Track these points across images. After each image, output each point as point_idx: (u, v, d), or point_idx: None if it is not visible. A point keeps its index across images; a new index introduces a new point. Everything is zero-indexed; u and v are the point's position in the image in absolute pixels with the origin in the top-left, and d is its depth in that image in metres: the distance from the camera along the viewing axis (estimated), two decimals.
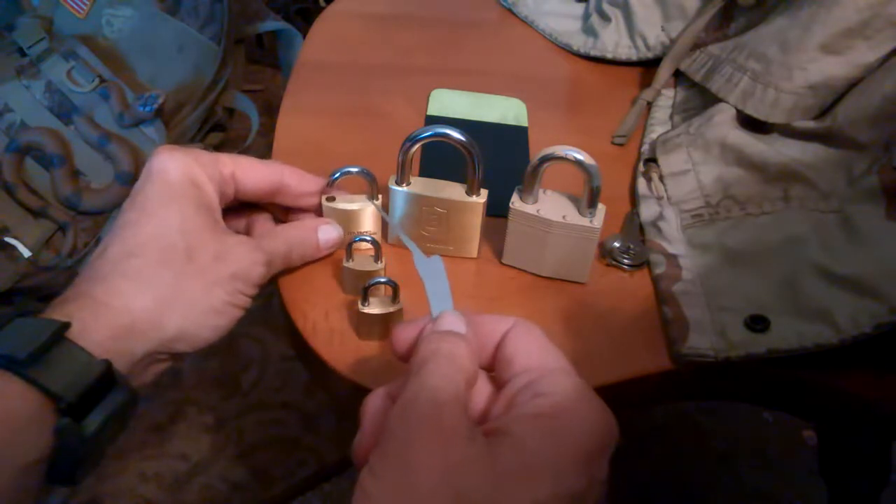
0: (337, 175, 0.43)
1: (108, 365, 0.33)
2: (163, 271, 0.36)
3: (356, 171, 0.43)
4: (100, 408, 0.33)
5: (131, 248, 0.36)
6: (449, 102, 0.59)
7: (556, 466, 0.26)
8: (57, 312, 0.34)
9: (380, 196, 0.44)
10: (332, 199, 0.44)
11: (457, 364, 0.29)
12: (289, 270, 0.43)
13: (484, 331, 0.31)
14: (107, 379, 0.33)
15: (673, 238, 0.46)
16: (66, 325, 0.33)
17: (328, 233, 0.43)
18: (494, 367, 0.31)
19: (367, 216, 0.44)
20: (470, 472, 0.25)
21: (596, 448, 0.27)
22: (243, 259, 0.39)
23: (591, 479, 0.26)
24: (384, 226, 0.46)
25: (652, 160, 0.52)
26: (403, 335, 0.31)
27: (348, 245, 0.41)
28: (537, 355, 0.29)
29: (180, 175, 0.38)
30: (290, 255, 0.42)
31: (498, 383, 0.30)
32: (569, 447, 0.26)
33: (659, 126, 0.56)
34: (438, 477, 0.25)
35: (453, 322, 0.30)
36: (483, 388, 0.30)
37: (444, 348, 0.29)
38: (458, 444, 0.26)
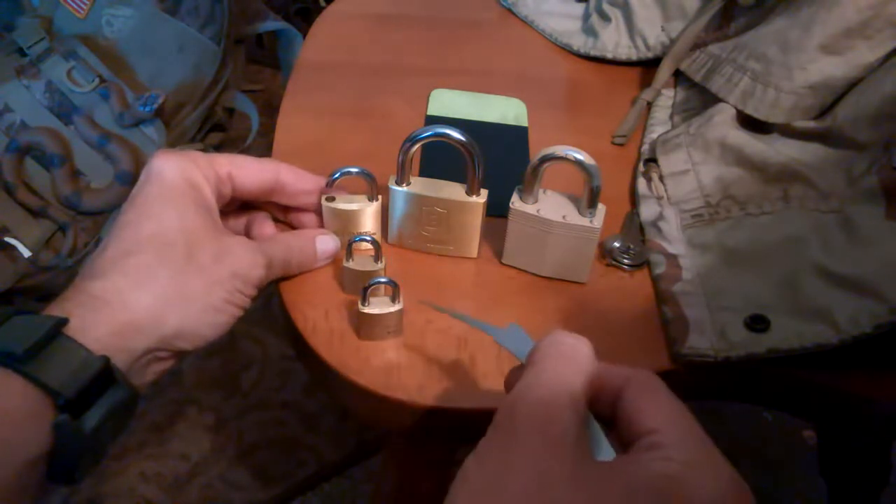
0: (337, 175, 0.43)
1: (106, 361, 0.33)
2: (162, 269, 0.36)
3: (356, 172, 0.43)
4: (99, 404, 0.33)
5: (130, 246, 0.37)
6: (449, 102, 0.59)
7: None
8: (56, 310, 0.34)
9: (379, 196, 0.44)
10: (331, 199, 0.44)
11: (576, 364, 0.27)
12: None
13: (601, 381, 0.29)
14: (106, 375, 0.33)
15: (673, 238, 0.46)
16: (64, 322, 0.33)
17: (326, 243, 0.43)
18: (616, 424, 0.28)
19: (367, 216, 0.44)
20: (568, 487, 0.24)
21: None
22: (243, 259, 0.39)
23: None
24: (384, 226, 0.46)
25: (652, 160, 0.52)
26: (513, 378, 0.30)
27: (348, 245, 0.41)
28: (665, 415, 0.27)
29: (177, 177, 0.39)
30: (290, 261, 0.42)
31: (623, 443, 0.28)
32: None
33: (659, 126, 0.56)
34: (532, 486, 0.24)
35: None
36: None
37: (567, 342, 0.28)
38: (561, 456, 0.25)
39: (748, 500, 0.25)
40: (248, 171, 0.42)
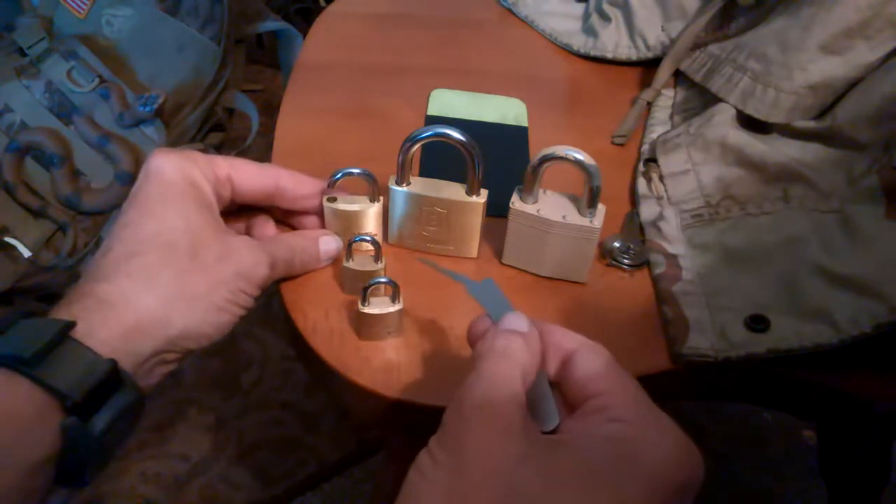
0: (338, 176, 0.43)
1: (113, 364, 0.33)
2: (166, 269, 0.36)
3: (357, 173, 0.43)
4: (106, 407, 0.33)
5: (133, 246, 0.37)
6: (449, 102, 0.59)
7: (619, 492, 0.25)
8: (62, 313, 0.34)
9: (381, 198, 0.44)
10: (333, 199, 0.44)
11: (511, 359, 0.29)
12: None
13: (552, 340, 0.31)
14: (113, 378, 0.33)
15: (673, 238, 0.46)
16: (72, 325, 0.33)
17: (328, 244, 0.43)
18: (563, 386, 0.30)
19: (368, 217, 0.44)
20: (522, 467, 0.25)
21: (671, 484, 0.26)
22: (247, 258, 0.39)
23: None
24: (385, 226, 0.46)
25: (652, 160, 0.52)
26: (475, 329, 0.32)
27: (348, 245, 0.41)
28: (612, 380, 0.29)
29: (177, 175, 0.38)
30: (293, 261, 0.42)
31: (569, 404, 0.30)
32: (638, 477, 0.25)
33: (659, 126, 0.56)
34: (489, 469, 0.25)
35: (514, 321, 0.31)
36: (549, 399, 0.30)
37: (498, 344, 0.29)
38: (512, 438, 0.26)
39: (697, 459, 0.27)
40: (247, 175, 0.42)
